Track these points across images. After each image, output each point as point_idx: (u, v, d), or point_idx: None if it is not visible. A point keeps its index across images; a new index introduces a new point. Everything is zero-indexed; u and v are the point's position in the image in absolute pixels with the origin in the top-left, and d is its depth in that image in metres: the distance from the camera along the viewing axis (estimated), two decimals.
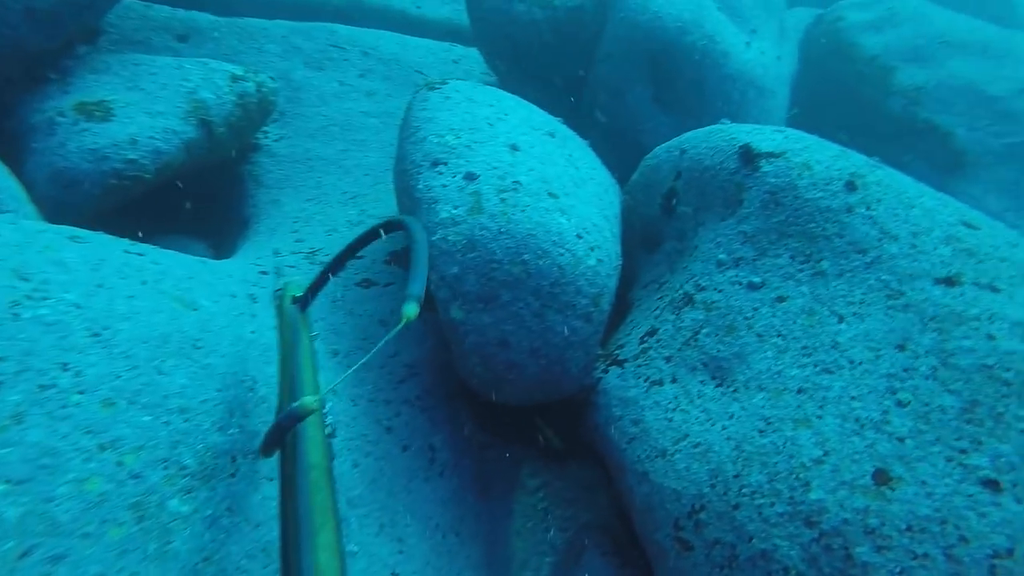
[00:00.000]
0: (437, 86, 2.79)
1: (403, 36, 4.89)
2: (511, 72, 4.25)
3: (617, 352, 2.32)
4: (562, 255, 2.07)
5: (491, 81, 4.68)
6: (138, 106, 2.99)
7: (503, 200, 2.12)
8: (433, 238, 2.07)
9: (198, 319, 1.83)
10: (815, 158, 2.25)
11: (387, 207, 3.40)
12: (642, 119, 3.71)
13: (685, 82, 3.65)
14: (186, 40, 4.24)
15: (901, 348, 1.66)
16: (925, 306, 1.72)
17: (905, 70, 4.87)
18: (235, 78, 3.35)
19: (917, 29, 5.04)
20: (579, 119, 4.15)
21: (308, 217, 3.40)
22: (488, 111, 2.64)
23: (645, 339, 2.27)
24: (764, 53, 4.21)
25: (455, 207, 2.12)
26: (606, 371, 2.25)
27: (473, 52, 4.86)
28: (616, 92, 3.70)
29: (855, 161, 2.22)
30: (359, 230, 3.27)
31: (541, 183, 2.25)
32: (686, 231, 2.63)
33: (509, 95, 3.04)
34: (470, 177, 2.20)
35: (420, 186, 2.25)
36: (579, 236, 2.15)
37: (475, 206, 2.10)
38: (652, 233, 2.95)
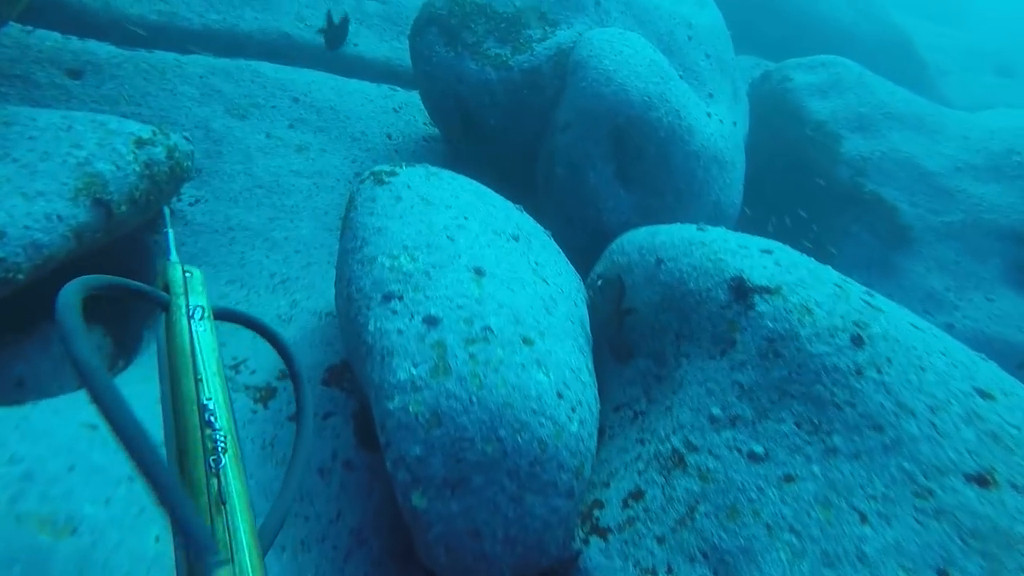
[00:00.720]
0: (385, 179, 2.42)
1: (338, 79, 4.44)
2: (459, 134, 3.91)
3: (597, 514, 2.03)
4: (543, 425, 1.75)
5: (433, 134, 4.32)
6: (10, 184, 2.43)
7: (472, 356, 1.78)
8: (390, 405, 1.70)
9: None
10: (813, 298, 2.04)
11: (322, 298, 2.98)
12: (603, 196, 3.46)
13: (650, 159, 3.43)
14: (80, 77, 3.63)
15: (943, 575, 1.46)
16: (961, 515, 1.53)
17: (851, 139, 4.89)
18: (141, 142, 2.83)
19: (861, 98, 5.10)
20: (532, 191, 3.87)
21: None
22: (446, 216, 2.29)
23: (629, 502, 1.99)
24: (723, 122, 4.07)
25: (415, 364, 1.76)
26: (586, 541, 1.96)
27: (415, 98, 4.49)
28: (575, 167, 3.44)
29: (854, 304, 2.03)
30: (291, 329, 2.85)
31: (513, 325, 1.93)
32: (666, 355, 2.38)
33: (465, 182, 2.71)
34: (431, 322, 1.84)
35: (371, 327, 1.87)
36: (559, 395, 1.85)
37: (439, 364, 1.75)
38: (623, 341, 2.69)
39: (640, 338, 2.59)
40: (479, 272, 2.07)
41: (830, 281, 2.16)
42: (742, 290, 2.14)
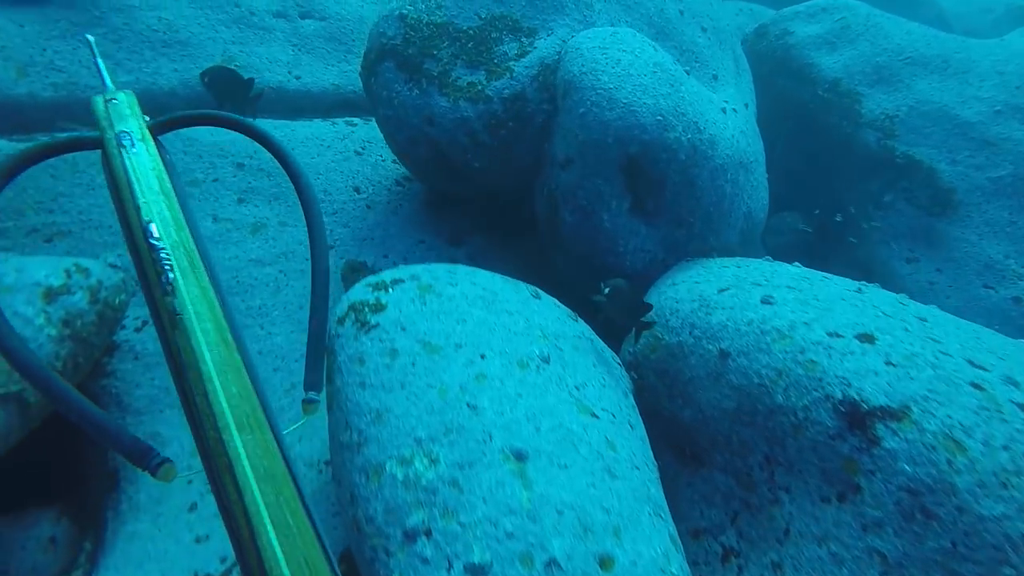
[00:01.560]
0: (371, 319, 1.88)
1: (285, 125, 3.80)
2: (437, 180, 3.32)
3: None
4: None
5: (406, 174, 3.71)
6: None
7: None
8: None
9: None
10: (957, 420, 1.56)
11: (316, 436, 2.47)
12: (622, 238, 2.92)
13: (672, 187, 2.88)
14: None
15: None
16: None
17: (872, 96, 4.32)
18: (51, 294, 2.25)
19: (875, 44, 4.49)
20: (530, 227, 3.32)
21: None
22: (459, 366, 1.77)
23: None
24: (737, 111, 3.50)
25: None
26: None
27: (373, 129, 3.86)
28: (585, 211, 2.88)
29: (1016, 422, 1.55)
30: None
31: (582, 538, 1.44)
32: (753, 480, 1.91)
33: (469, 288, 2.16)
34: (477, 573, 1.35)
35: None
36: None
37: None
38: (688, 443, 2.22)
39: (710, 446, 2.12)
40: (520, 457, 1.57)
41: (965, 381, 1.67)
42: (857, 416, 1.65)
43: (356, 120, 4.10)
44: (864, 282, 2.51)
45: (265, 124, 3.83)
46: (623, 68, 2.85)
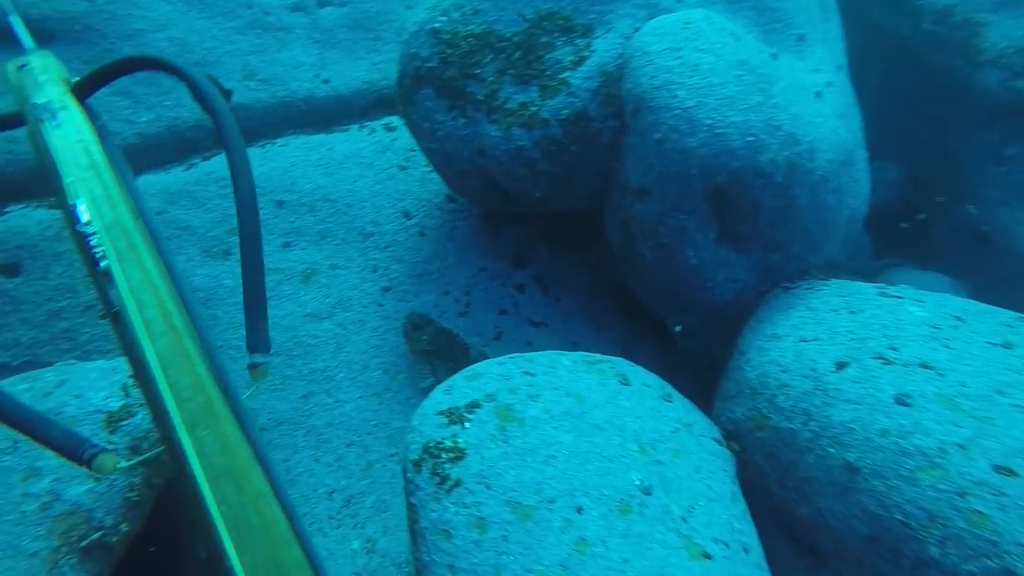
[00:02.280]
0: (449, 473, 1.68)
1: (320, 145, 3.49)
2: (496, 207, 3.00)
3: None
4: None
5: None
6: None
7: None
8: None
9: None
10: None
11: (401, 528, 2.37)
12: (709, 271, 2.58)
13: (767, 211, 2.48)
14: (18, 272, 2.88)
15: None
16: None
17: (995, 25, 3.61)
18: (113, 420, 2.15)
19: None
20: (598, 239, 2.99)
21: None
22: (558, 526, 1.57)
23: None
24: (832, 84, 2.97)
25: None
26: None
27: None
28: (667, 248, 2.54)
29: None
30: None
31: None
32: None
33: (554, 402, 1.92)
34: None
35: None
36: None
37: None
38: (805, 536, 2.01)
39: (836, 557, 1.90)
40: None
41: None
42: None
43: (395, 122, 3.74)
44: (1016, 317, 2.13)
45: (298, 142, 3.54)
46: (703, 77, 2.39)
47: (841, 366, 2.00)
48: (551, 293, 3.14)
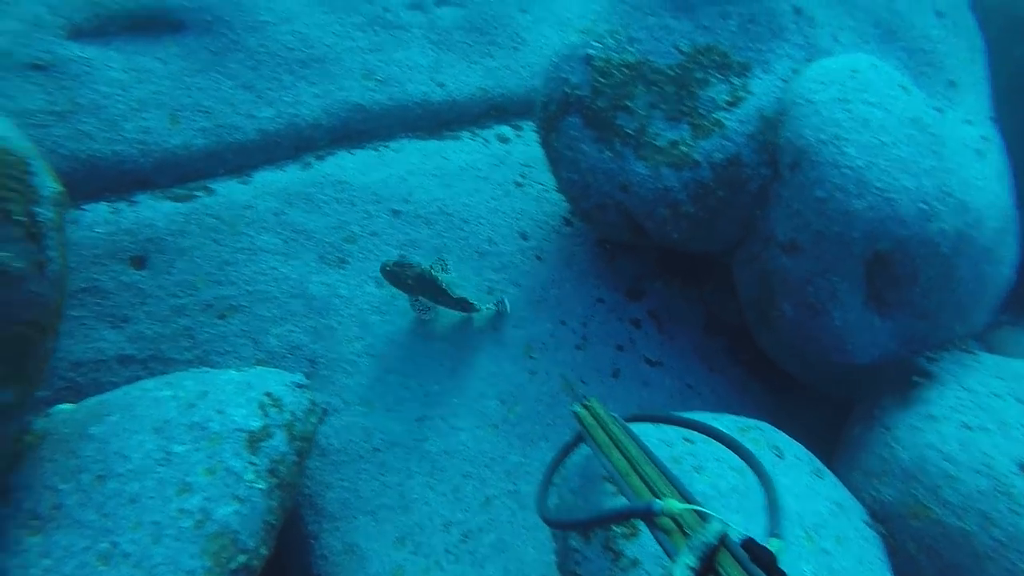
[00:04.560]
0: (622, 544, 1.64)
1: (435, 154, 3.44)
2: (626, 241, 2.92)
3: None
4: None
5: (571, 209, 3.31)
6: None
7: None
8: None
9: None
10: None
11: (531, 563, 2.35)
12: (851, 335, 2.49)
13: (924, 282, 2.38)
14: (145, 265, 2.89)
15: None
16: None
17: None
18: (254, 440, 2.15)
19: None
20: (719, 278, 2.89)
21: None
22: None
23: None
24: (988, 139, 2.82)
25: None
26: None
27: (534, 149, 3.40)
28: (813, 308, 2.45)
29: None
30: None
31: None
32: None
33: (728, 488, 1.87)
34: None
35: None
36: None
37: None
38: None
39: None
40: None
41: None
42: None
43: (507, 132, 3.67)
44: None
45: (412, 148, 3.48)
46: (873, 134, 2.28)
47: None
48: (665, 330, 3.07)
